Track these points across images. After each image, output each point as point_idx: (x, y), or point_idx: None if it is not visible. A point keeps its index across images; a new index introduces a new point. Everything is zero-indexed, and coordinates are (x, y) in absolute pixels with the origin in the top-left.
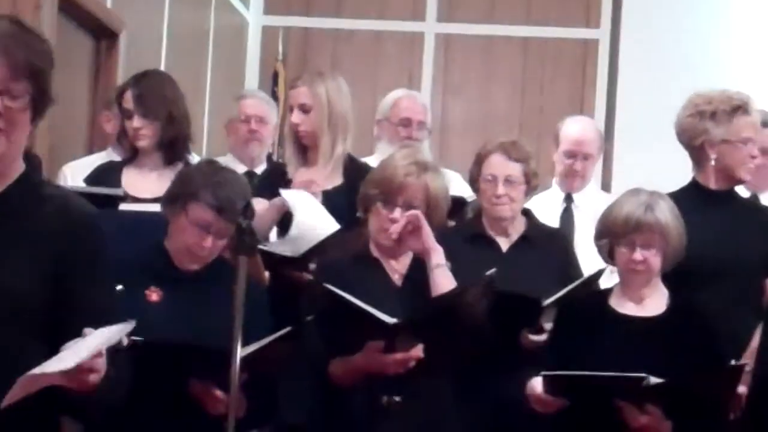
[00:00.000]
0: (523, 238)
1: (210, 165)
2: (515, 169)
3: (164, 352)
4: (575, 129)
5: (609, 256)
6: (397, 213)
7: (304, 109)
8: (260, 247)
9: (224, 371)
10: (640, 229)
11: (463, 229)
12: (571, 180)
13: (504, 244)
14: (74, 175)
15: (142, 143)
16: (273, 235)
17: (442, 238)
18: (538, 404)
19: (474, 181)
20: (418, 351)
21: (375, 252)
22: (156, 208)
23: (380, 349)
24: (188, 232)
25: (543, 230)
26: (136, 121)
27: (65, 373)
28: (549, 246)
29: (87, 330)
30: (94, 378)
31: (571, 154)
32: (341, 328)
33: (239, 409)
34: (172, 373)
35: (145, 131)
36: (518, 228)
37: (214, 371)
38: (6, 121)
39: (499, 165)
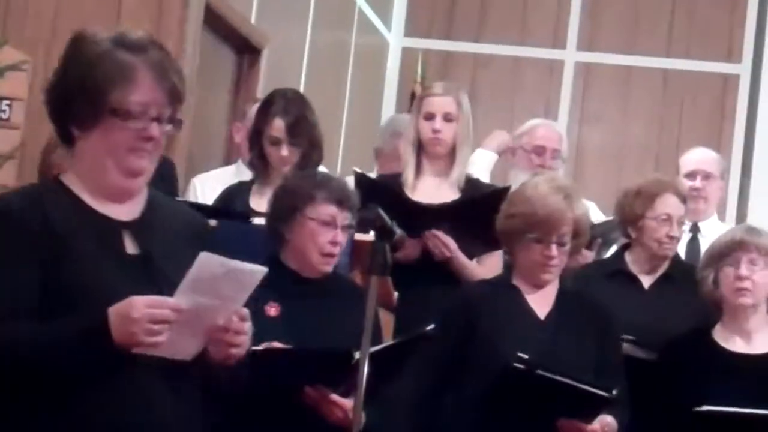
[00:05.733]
0: (666, 276)
1: (309, 172)
2: (683, 211)
3: (280, 358)
4: (694, 153)
5: (714, 284)
6: (553, 250)
7: (448, 119)
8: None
9: (341, 375)
10: (744, 248)
11: (604, 264)
12: (695, 203)
13: (646, 281)
14: (203, 187)
15: (286, 169)
16: None
17: (580, 273)
18: None
19: (637, 218)
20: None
21: (517, 282)
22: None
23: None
24: (316, 232)
25: (685, 268)
26: (285, 150)
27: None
28: (691, 284)
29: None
30: (241, 342)
31: (692, 175)
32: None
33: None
34: (287, 381)
35: (292, 158)
36: (662, 266)
37: (330, 376)
38: (156, 144)
39: (675, 206)
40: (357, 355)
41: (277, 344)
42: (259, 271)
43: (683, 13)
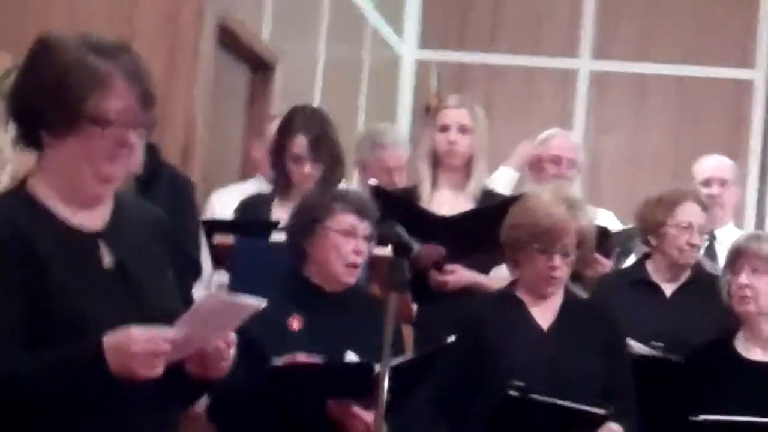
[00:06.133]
0: (688, 284)
1: (326, 188)
2: (704, 219)
3: (301, 372)
4: (708, 160)
5: (728, 294)
6: (557, 260)
7: (463, 130)
8: None
9: (362, 388)
10: (744, 255)
11: (626, 273)
12: (711, 210)
13: (668, 289)
14: (222, 202)
15: (309, 185)
16: None
17: (601, 281)
18: None
19: (658, 226)
20: None
21: (521, 293)
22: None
23: None
24: (339, 243)
25: (707, 276)
26: (309, 167)
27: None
28: (713, 292)
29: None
30: (223, 366)
31: (707, 182)
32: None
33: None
34: (309, 396)
35: (315, 175)
36: (684, 274)
37: (351, 390)
38: (132, 150)
39: (695, 214)
40: (378, 368)
41: (300, 356)
42: (254, 306)
43: (697, 19)
